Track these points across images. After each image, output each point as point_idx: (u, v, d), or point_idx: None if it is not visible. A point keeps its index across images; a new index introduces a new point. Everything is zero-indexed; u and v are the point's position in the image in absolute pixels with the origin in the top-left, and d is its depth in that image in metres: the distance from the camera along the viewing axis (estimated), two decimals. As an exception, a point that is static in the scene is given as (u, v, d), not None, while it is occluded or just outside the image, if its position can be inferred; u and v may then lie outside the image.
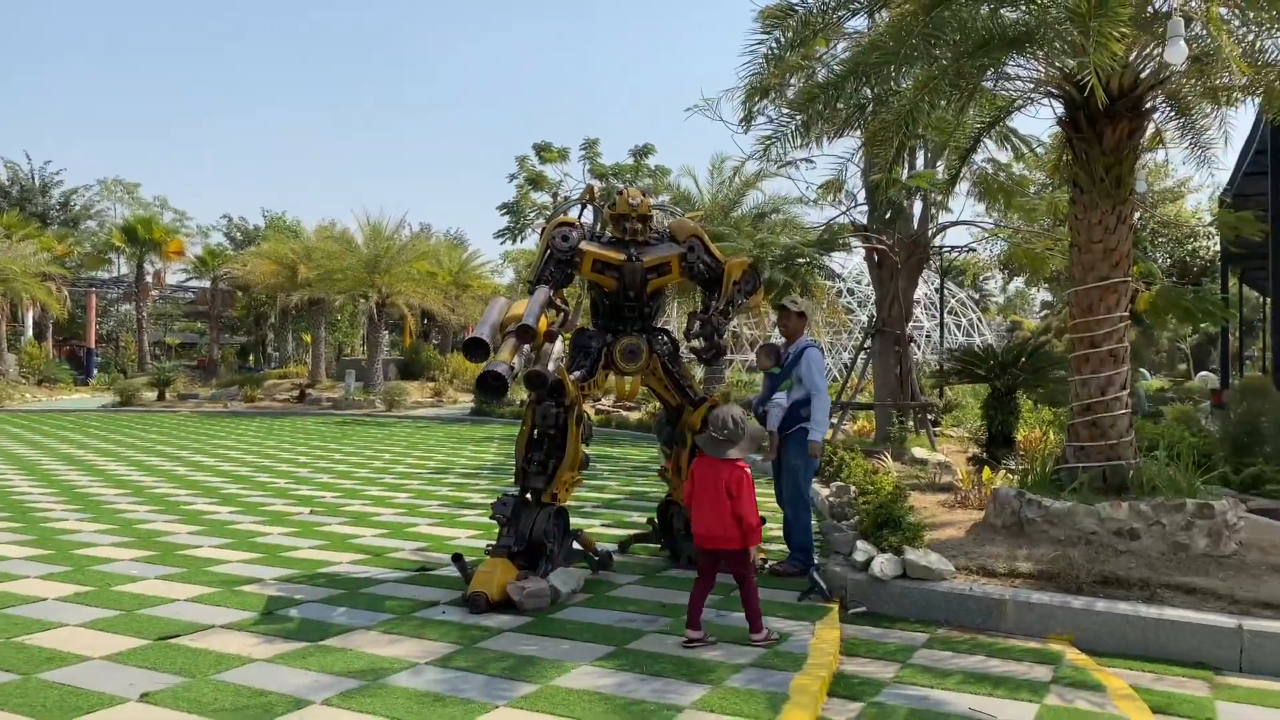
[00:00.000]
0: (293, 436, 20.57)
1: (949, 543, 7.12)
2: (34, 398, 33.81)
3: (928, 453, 12.88)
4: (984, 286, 63.15)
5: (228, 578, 6.83)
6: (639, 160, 28.57)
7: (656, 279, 6.96)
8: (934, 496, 9.67)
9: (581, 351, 7.01)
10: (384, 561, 7.49)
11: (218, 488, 11.83)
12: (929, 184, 11.44)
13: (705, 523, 5.46)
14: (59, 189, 59.65)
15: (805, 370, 6.75)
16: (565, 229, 6.91)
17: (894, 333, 14.73)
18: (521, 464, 6.62)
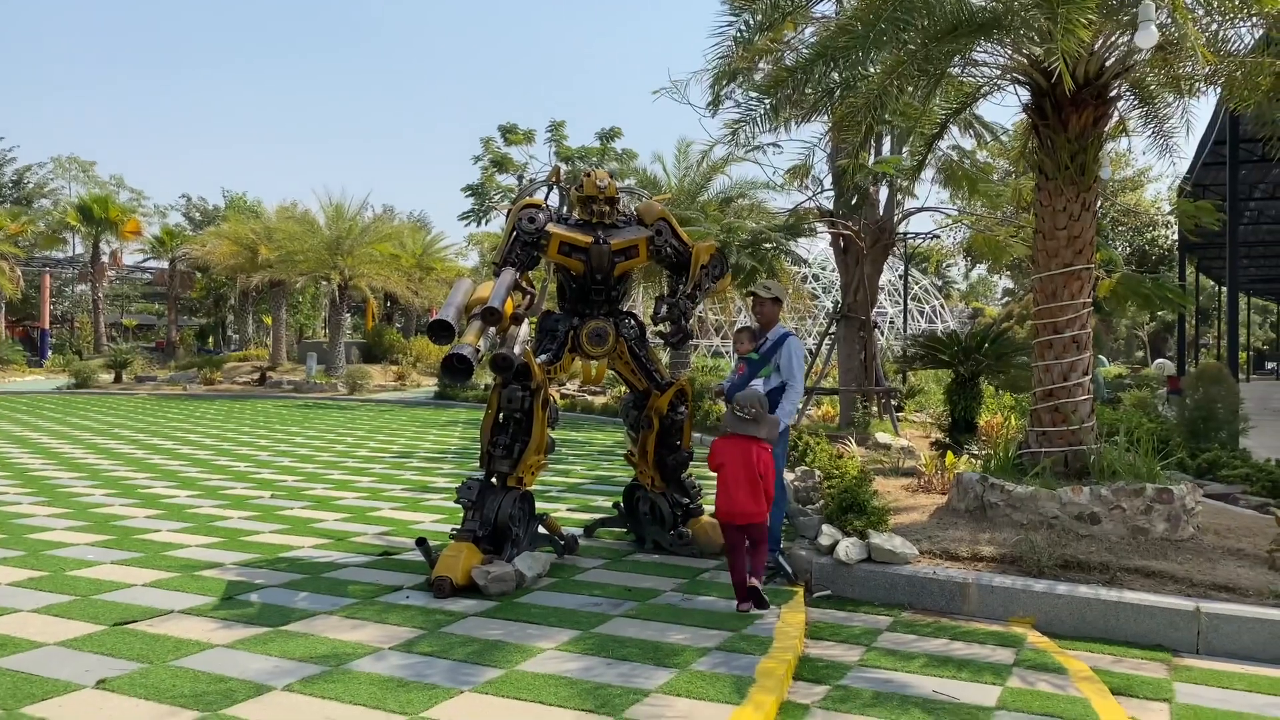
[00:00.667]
0: (253, 420, 20.31)
1: (913, 527, 7.16)
2: (-14, 380, 33.12)
3: (891, 438, 12.97)
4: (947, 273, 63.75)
5: (186, 562, 6.73)
6: (605, 143, 28.45)
7: (624, 262, 6.91)
8: (897, 481, 9.73)
9: (548, 335, 6.96)
10: (347, 546, 7.41)
11: (176, 471, 11.65)
12: (895, 170, 11.48)
13: (740, 500, 5.68)
14: (11, 166, 58.44)
15: (786, 359, 6.67)
16: (532, 211, 6.83)
17: (859, 318, 14.79)
18: (487, 448, 6.57)
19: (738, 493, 5.69)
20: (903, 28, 6.77)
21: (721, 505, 5.77)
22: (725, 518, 5.75)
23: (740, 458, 5.73)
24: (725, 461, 5.77)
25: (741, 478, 5.70)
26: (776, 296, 6.88)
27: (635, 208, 7.21)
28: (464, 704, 4.18)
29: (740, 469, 5.72)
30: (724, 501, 5.75)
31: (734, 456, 5.75)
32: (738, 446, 5.77)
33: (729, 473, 5.74)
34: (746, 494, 5.68)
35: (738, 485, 5.70)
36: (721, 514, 5.78)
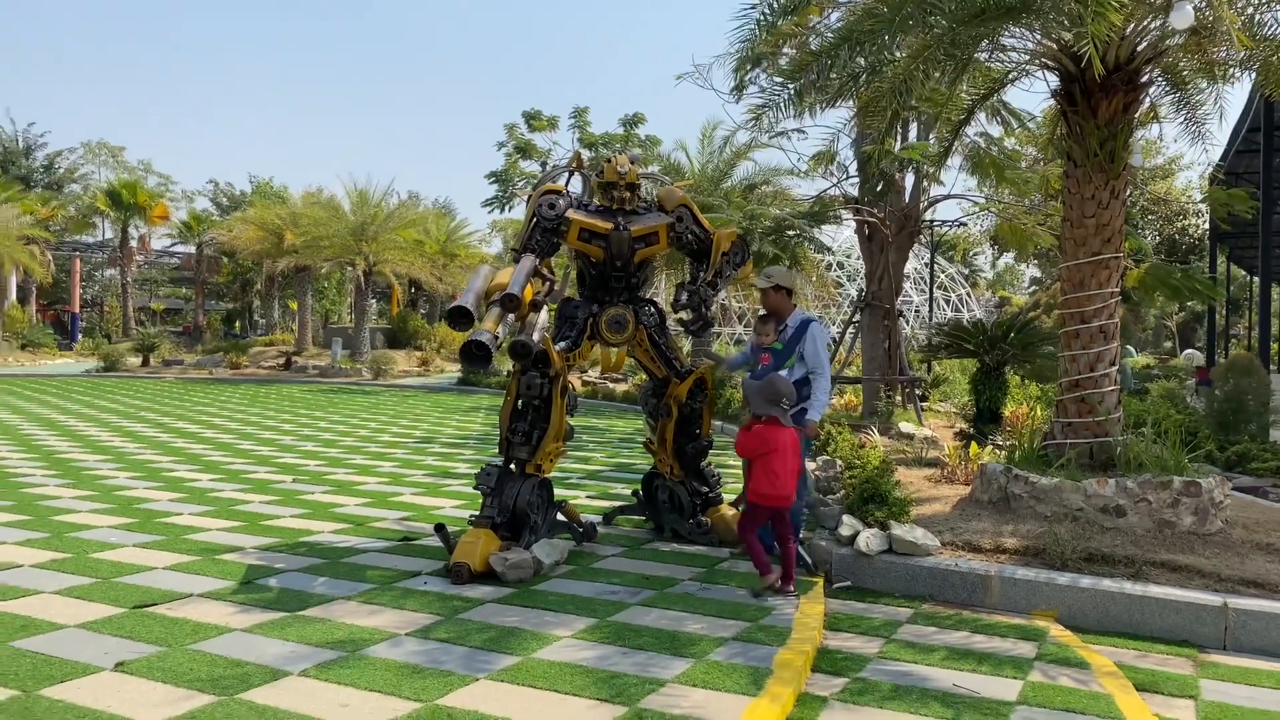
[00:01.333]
0: (278, 404, 20.44)
1: (935, 518, 7.09)
2: (16, 362, 33.57)
3: (915, 428, 12.86)
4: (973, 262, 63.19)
5: (207, 546, 6.76)
6: (629, 129, 28.33)
7: (644, 249, 6.86)
8: (920, 472, 9.65)
9: (567, 321, 6.92)
10: (366, 531, 7.42)
11: (200, 455, 11.73)
12: (921, 156, 11.33)
13: (785, 484, 5.83)
14: (43, 151, 59.04)
15: (810, 347, 6.54)
16: (552, 196, 6.79)
17: (883, 306, 14.67)
18: (506, 434, 6.55)
19: (786, 479, 5.82)
20: (929, 11, 6.68)
21: (766, 490, 5.81)
22: (770, 502, 5.83)
23: (791, 444, 5.87)
24: (776, 448, 5.83)
25: (790, 463, 5.85)
26: (779, 284, 6.75)
27: (656, 194, 7.15)
28: (478, 691, 4.17)
29: (790, 455, 5.85)
30: (769, 486, 5.81)
31: (784, 443, 5.84)
32: (782, 434, 5.86)
33: (778, 458, 5.82)
34: (789, 479, 5.84)
35: (784, 467, 5.82)
36: (765, 499, 5.83)
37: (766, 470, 5.83)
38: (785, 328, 6.68)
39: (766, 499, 5.83)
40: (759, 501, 5.88)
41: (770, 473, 5.82)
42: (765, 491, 5.83)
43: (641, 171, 7.22)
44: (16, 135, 58.22)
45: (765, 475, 5.83)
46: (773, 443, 5.83)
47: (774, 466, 5.82)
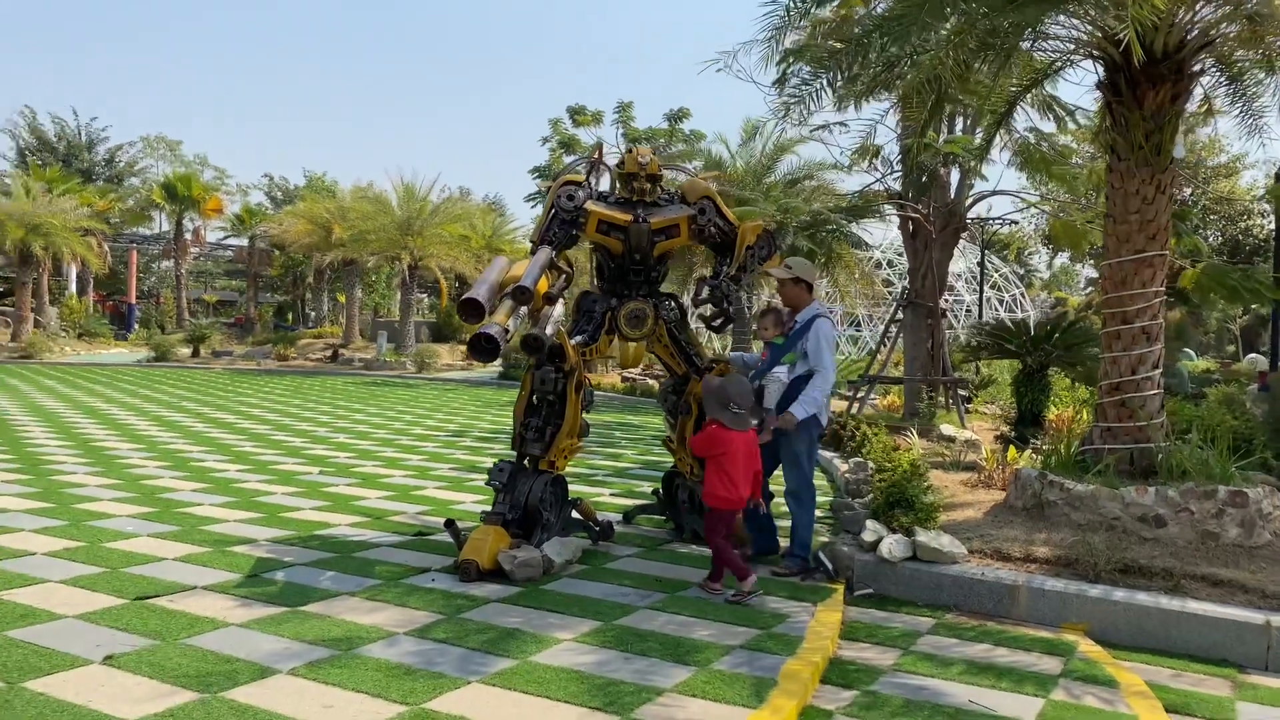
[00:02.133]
0: (319, 396, 20.57)
1: (965, 524, 6.83)
2: (73, 351, 34.28)
3: (956, 430, 12.52)
4: (1029, 262, 61.96)
5: (221, 538, 6.71)
6: (674, 124, 28.08)
7: (664, 241, 6.68)
8: (957, 475, 9.35)
9: (584, 315, 6.77)
10: (383, 525, 7.33)
11: (232, 445, 11.78)
12: (963, 150, 10.99)
13: (738, 487, 5.68)
14: (104, 145, 60.28)
15: (813, 344, 6.30)
16: (571, 188, 6.64)
17: (926, 305, 14.33)
18: (519, 430, 6.41)
19: (739, 478, 5.66)
20: (966, -3, 6.41)
21: (721, 493, 5.67)
22: (723, 504, 5.69)
23: (744, 447, 5.70)
24: (726, 450, 5.67)
25: (741, 462, 5.67)
26: (799, 277, 6.53)
27: (679, 185, 6.96)
28: (468, 695, 4.02)
29: (743, 458, 5.68)
30: (722, 487, 5.67)
31: (736, 445, 5.68)
32: (740, 436, 5.72)
33: (729, 460, 5.66)
34: (744, 479, 5.69)
35: (737, 471, 5.66)
36: (721, 501, 5.68)
37: (719, 472, 5.69)
38: (794, 323, 6.46)
39: (719, 500, 5.69)
40: (712, 504, 5.74)
41: (722, 474, 5.67)
42: (718, 493, 5.69)
43: (666, 164, 7.05)
44: (79, 129, 59.52)
45: (718, 477, 5.69)
46: (722, 444, 5.68)
47: (726, 468, 5.67)
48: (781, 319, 6.54)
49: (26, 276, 34.50)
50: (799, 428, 6.27)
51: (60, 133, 58.95)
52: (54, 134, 58.74)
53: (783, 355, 6.34)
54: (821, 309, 6.47)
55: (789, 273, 6.47)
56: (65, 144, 58.87)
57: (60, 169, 45.19)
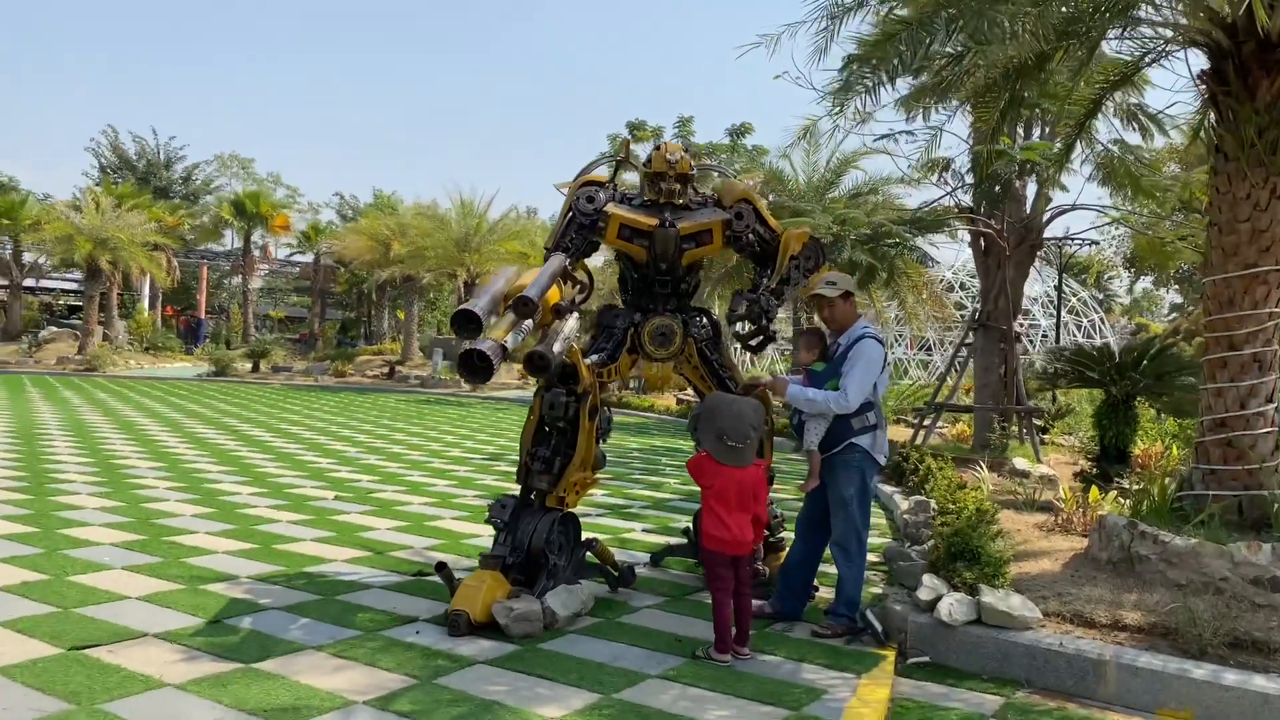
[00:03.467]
0: (365, 413, 20.13)
1: (1040, 579, 5.89)
2: (137, 364, 34.60)
3: (1030, 464, 11.48)
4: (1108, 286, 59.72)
5: (200, 573, 6.07)
6: (735, 139, 27.33)
7: (694, 249, 5.89)
8: (1031, 517, 8.36)
9: (604, 332, 6.02)
10: (382, 561, 6.64)
11: (255, 465, 11.24)
12: (1040, 157, 9.99)
13: (732, 526, 4.89)
14: (182, 164, 61.54)
15: (850, 364, 5.42)
16: (591, 189, 5.91)
17: (999, 328, 13.30)
18: (524, 460, 5.67)
19: (729, 517, 4.87)
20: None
21: (712, 531, 4.90)
22: (715, 545, 4.90)
23: (738, 485, 4.92)
24: (715, 485, 4.91)
25: (732, 499, 4.89)
26: (848, 292, 5.68)
27: (714, 187, 6.18)
28: (413, 796, 3.27)
29: (736, 496, 4.90)
30: (713, 526, 4.90)
31: (727, 481, 4.91)
32: (735, 471, 4.94)
33: (721, 497, 4.89)
34: (739, 519, 4.90)
35: (728, 508, 4.88)
36: (713, 542, 4.90)
37: (709, 509, 4.93)
38: (837, 346, 5.60)
39: (714, 543, 4.90)
40: (708, 545, 4.96)
41: (712, 513, 4.90)
42: (711, 533, 4.92)
43: (701, 163, 6.28)
44: (158, 148, 60.86)
45: (709, 514, 4.93)
46: (710, 477, 4.92)
47: (714, 507, 4.89)
48: (821, 341, 5.70)
49: (94, 290, 34.96)
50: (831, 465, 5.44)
51: (140, 151, 60.34)
52: (134, 152, 60.18)
53: (824, 383, 5.49)
54: (872, 328, 5.61)
55: (836, 289, 5.60)
56: (145, 162, 60.21)
57: (133, 185, 45.97)
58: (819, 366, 5.56)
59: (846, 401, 5.35)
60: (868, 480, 5.45)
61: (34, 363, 32.78)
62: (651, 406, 22.51)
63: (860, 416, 5.42)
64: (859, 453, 5.40)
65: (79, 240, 32.79)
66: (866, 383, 5.38)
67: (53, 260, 36.77)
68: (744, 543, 4.90)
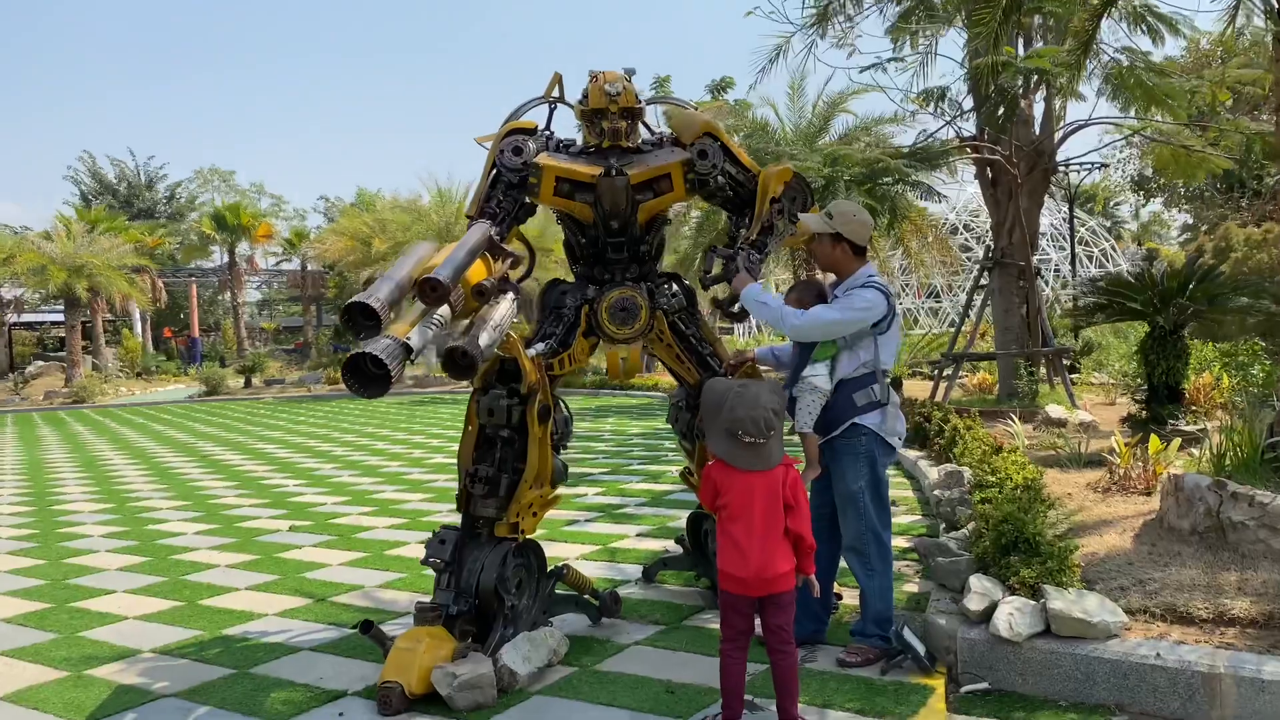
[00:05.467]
0: (352, 420, 19.12)
1: (1111, 562, 4.81)
2: (128, 391, 33.66)
3: (1066, 410, 10.39)
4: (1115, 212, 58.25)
5: (94, 650, 5.01)
6: (716, 96, 25.97)
7: (651, 200, 4.76)
8: (1080, 476, 7.28)
9: (552, 314, 4.91)
10: (321, 611, 5.58)
11: (209, 497, 10.17)
12: (1051, 64, 8.73)
13: (756, 558, 3.57)
14: (164, 183, 60.47)
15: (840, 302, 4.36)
16: (518, 138, 4.79)
17: (1016, 264, 12.16)
18: (464, 483, 4.59)
19: (751, 543, 3.57)
20: None
21: (729, 567, 3.62)
22: (733, 587, 3.62)
23: (764, 494, 3.61)
24: (732, 501, 3.63)
25: (756, 517, 3.58)
26: (839, 233, 4.47)
27: (669, 124, 5.05)
28: None
29: (756, 502, 3.59)
30: (730, 560, 3.61)
31: (751, 492, 3.61)
32: (760, 479, 3.64)
33: (739, 517, 3.61)
34: (767, 544, 3.57)
35: (749, 531, 3.58)
36: (728, 582, 3.65)
37: (723, 535, 3.67)
38: (834, 298, 4.50)
39: (732, 583, 3.64)
40: (723, 585, 3.71)
41: (727, 540, 3.63)
42: (727, 570, 3.64)
43: (654, 97, 5.16)
44: (138, 169, 59.79)
45: (725, 543, 3.66)
46: (724, 492, 3.65)
47: (729, 529, 3.63)
48: (820, 294, 4.59)
49: (75, 319, 33.95)
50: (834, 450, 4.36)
51: (120, 174, 59.29)
52: (114, 176, 59.11)
53: (817, 349, 4.38)
54: (878, 278, 4.48)
55: (828, 225, 4.49)
56: (125, 185, 59.15)
57: (106, 209, 44.95)
58: (812, 327, 4.44)
59: (799, 322, 4.31)
60: (879, 468, 4.35)
61: (20, 399, 31.82)
62: (655, 385, 21.42)
63: (864, 389, 4.32)
64: (865, 435, 4.31)
65: (52, 269, 31.74)
66: (840, 320, 4.31)
67: (27, 292, 35.74)
68: (774, 578, 3.58)
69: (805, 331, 4.35)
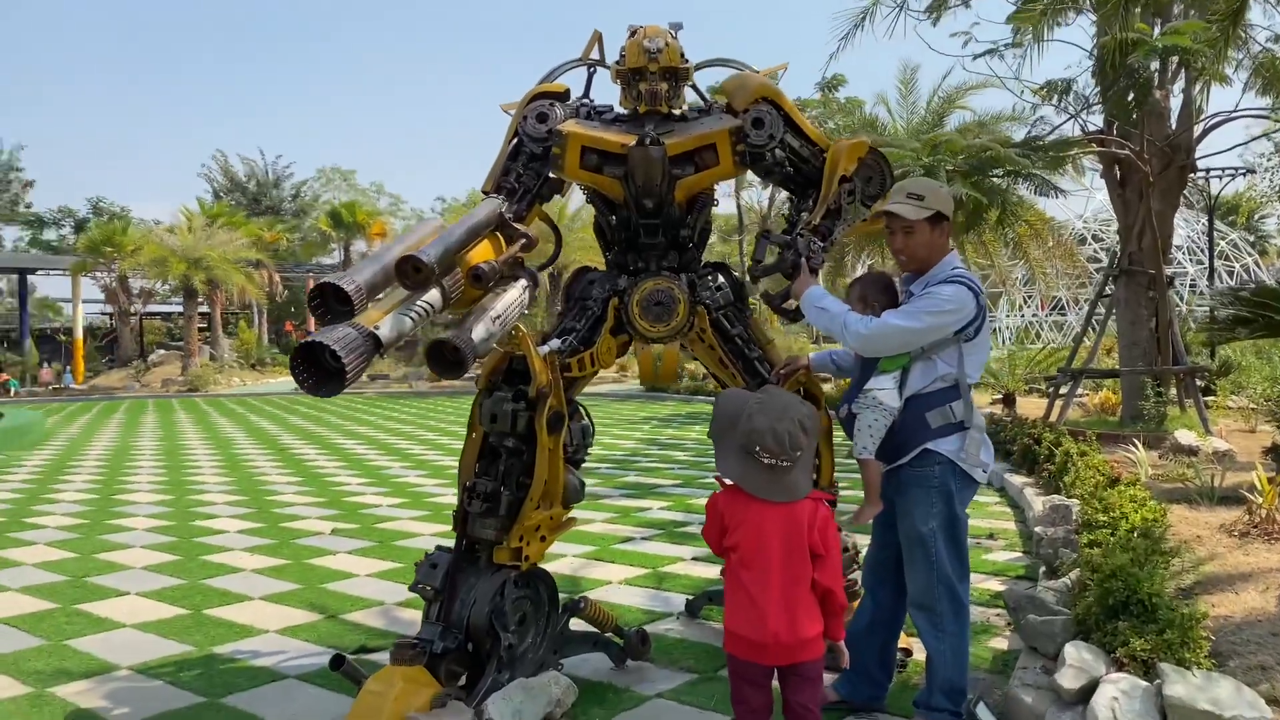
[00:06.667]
0: (439, 418, 18.86)
1: (1248, 628, 3.89)
2: (240, 382, 34.46)
3: (1199, 437, 9.23)
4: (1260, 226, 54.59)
5: (74, 661, 4.58)
6: (827, 94, 24.92)
7: (691, 175, 4.03)
8: (1211, 515, 6.26)
9: (576, 306, 4.26)
10: (326, 630, 5.05)
11: (269, 490, 9.86)
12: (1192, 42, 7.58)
13: (774, 618, 2.86)
14: (290, 182, 62.46)
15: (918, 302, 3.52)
16: (545, 103, 4.16)
17: (1146, 272, 10.97)
18: (462, 498, 3.96)
19: (766, 596, 2.87)
20: None
21: (738, 625, 2.94)
22: (747, 653, 2.93)
23: (776, 526, 2.91)
24: (742, 541, 2.94)
25: (772, 562, 2.89)
26: (939, 212, 3.64)
27: (721, 87, 4.33)
28: None
29: (771, 543, 2.90)
30: (738, 617, 2.94)
31: (760, 524, 2.92)
32: (765, 515, 2.94)
33: (744, 553, 2.93)
34: (791, 603, 2.86)
35: (763, 580, 2.89)
36: (736, 644, 2.96)
37: (735, 585, 2.97)
38: (908, 296, 3.70)
39: (740, 646, 2.94)
40: (728, 648, 3.01)
41: (738, 589, 2.94)
42: (737, 630, 2.94)
43: (707, 61, 4.46)
44: (267, 168, 61.88)
45: (736, 595, 2.96)
46: (733, 526, 2.97)
47: (740, 576, 2.94)
48: (890, 290, 3.80)
49: (191, 310, 34.99)
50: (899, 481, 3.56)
51: (250, 172, 61.44)
52: (244, 174, 61.30)
53: (885, 357, 3.59)
54: (964, 271, 3.65)
55: (919, 209, 3.62)
56: (254, 182, 61.28)
57: (229, 205, 46.39)
58: (877, 331, 3.65)
59: (866, 332, 3.48)
60: (955, 505, 3.52)
61: (140, 386, 32.92)
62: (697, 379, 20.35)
63: (941, 408, 3.50)
64: (940, 463, 3.48)
65: (172, 261, 32.71)
66: (918, 329, 3.46)
67: (150, 283, 36.97)
68: (798, 644, 2.88)
69: (874, 345, 3.53)
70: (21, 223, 57.81)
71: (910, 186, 3.67)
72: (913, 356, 3.55)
